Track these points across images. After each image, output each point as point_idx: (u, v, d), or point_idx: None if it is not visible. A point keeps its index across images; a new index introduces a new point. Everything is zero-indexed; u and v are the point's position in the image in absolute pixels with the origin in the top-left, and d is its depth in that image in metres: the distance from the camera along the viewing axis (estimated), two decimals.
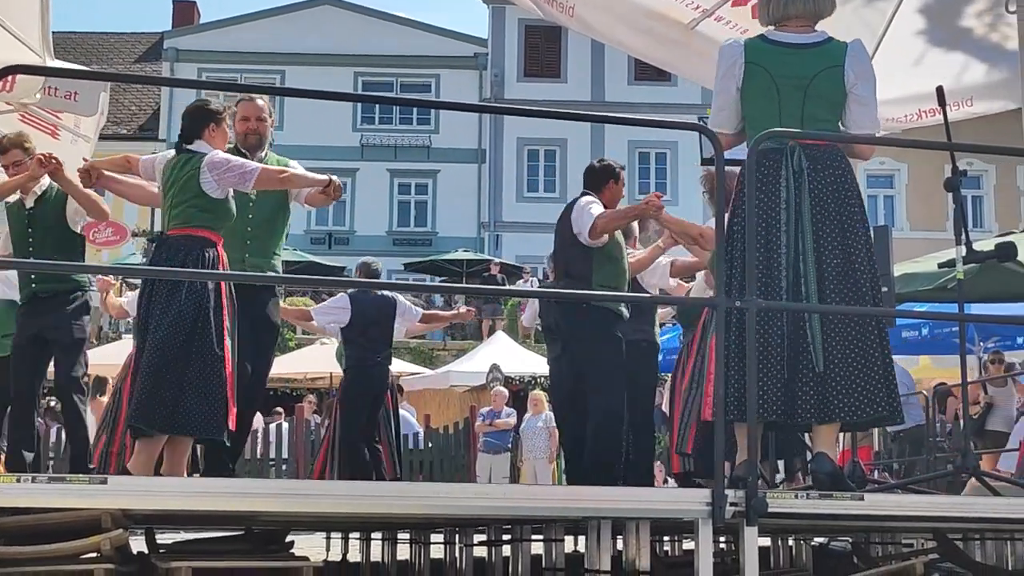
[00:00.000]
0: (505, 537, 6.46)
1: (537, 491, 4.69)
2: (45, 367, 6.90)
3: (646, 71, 35.11)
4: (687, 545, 8.51)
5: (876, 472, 12.27)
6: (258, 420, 13.88)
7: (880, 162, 30.59)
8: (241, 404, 5.71)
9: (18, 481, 3.58)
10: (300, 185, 6.07)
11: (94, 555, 3.77)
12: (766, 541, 7.58)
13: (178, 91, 36.61)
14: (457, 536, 7.11)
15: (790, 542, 7.73)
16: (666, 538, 8.42)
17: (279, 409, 18.33)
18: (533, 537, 6.10)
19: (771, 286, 4.54)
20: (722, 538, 6.96)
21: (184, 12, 42.13)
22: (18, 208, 6.89)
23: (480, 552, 6.90)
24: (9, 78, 6.24)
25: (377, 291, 9.68)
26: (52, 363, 6.84)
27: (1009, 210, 32.18)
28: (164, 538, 6.16)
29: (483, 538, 6.73)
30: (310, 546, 8.16)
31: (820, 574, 7.00)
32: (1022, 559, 6.70)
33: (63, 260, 6.73)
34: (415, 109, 38.24)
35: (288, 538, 5.24)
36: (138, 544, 4.68)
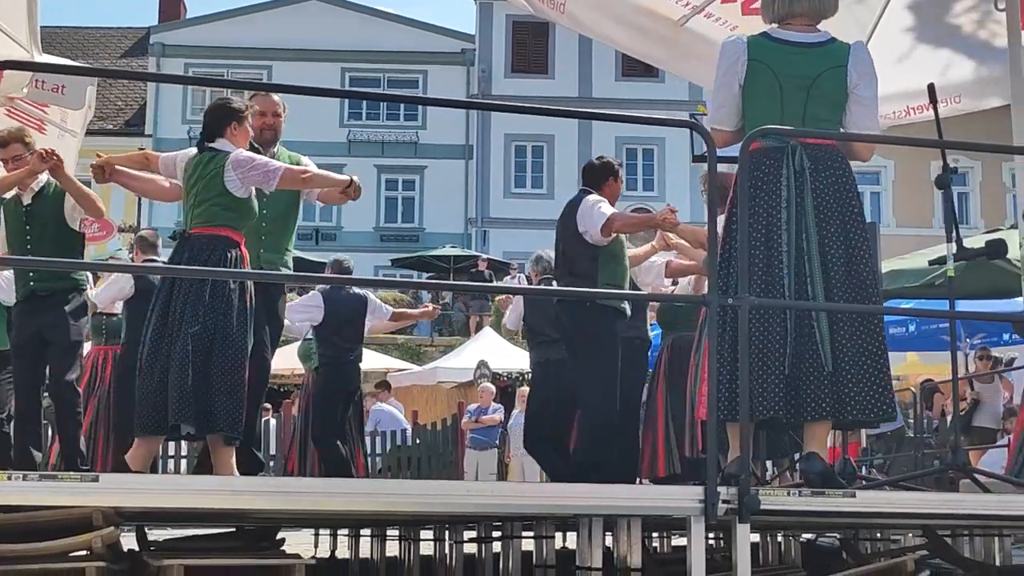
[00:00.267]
0: (496, 534, 6.47)
1: (531, 489, 4.69)
2: (45, 366, 6.79)
3: (634, 67, 35.11)
4: (675, 541, 8.53)
5: (864, 468, 12.31)
6: None
7: None
8: (251, 402, 5.73)
9: (9, 479, 3.57)
10: (323, 185, 6.00)
11: (85, 553, 3.75)
12: (755, 537, 7.60)
13: (164, 86, 36.56)
14: (447, 533, 7.10)
15: (779, 538, 7.74)
16: (655, 534, 8.42)
17: (267, 405, 18.33)
18: (524, 534, 6.11)
19: (772, 284, 4.54)
20: (710, 534, 6.97)
21: (170, 7, 41.95)
22: (15, 204, 6.80)
23: (470, 548, 6.90)
24: None
25: (350, 289, 9.66)
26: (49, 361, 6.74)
27: (995, 206, 32.30)
28: (153, 534, 6.15)
29: (473, 535, 6.73)
30: (298, 543, 8.15)
31: (809, 570, 7.01)
32: (1009, 554, 6.74)
33: (61, 258, 6.63)
34: (402, 105, 38.24)
35: (279, 535, 5.24)
36: (128, 541, 4.66)
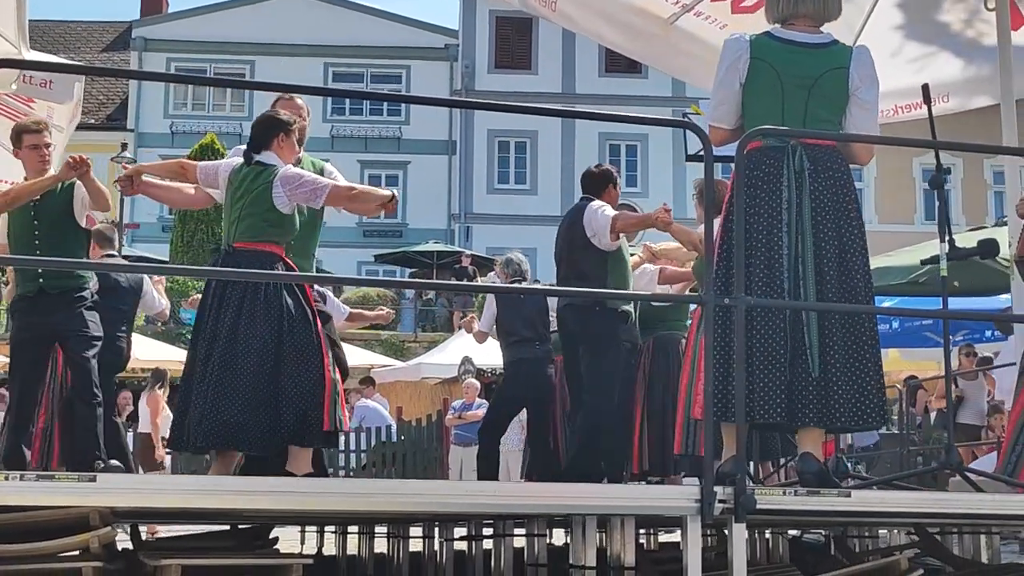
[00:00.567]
0: (487, 532, 6.47)
1: (528, 488, 4.69)
2: (46, 364, 6.71)
3: (617, 63, 35.16)
4: (663, 538, 8.54)
5: (852, 465, 12.36)
6: None
7: None
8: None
9: (6, 479, 3.55)
10: (367, 200, 5.86)
11: (81, 552, 3.74)
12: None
13: (146, 81, 36.43)
14: (437, 530, 7.09)
15: (767, 535, 7.76)
16: (641, 531, 8.44)
17: None
18: (515, 532, 6.11)
19: (773, 287, 4.55)
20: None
21: (152, 1, 41.80)
22: None
23: (460, 546, 6.90)
24: None
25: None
26: (66, 363, 6.65)
27: (977, 204, 32.42)
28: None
29: (464, 532, 6.72)
30: (284, 539, 8.11)
31: (798, 566, 7.03)
32: (998, 552, 6.78)
33: (69, 255, 6.54)
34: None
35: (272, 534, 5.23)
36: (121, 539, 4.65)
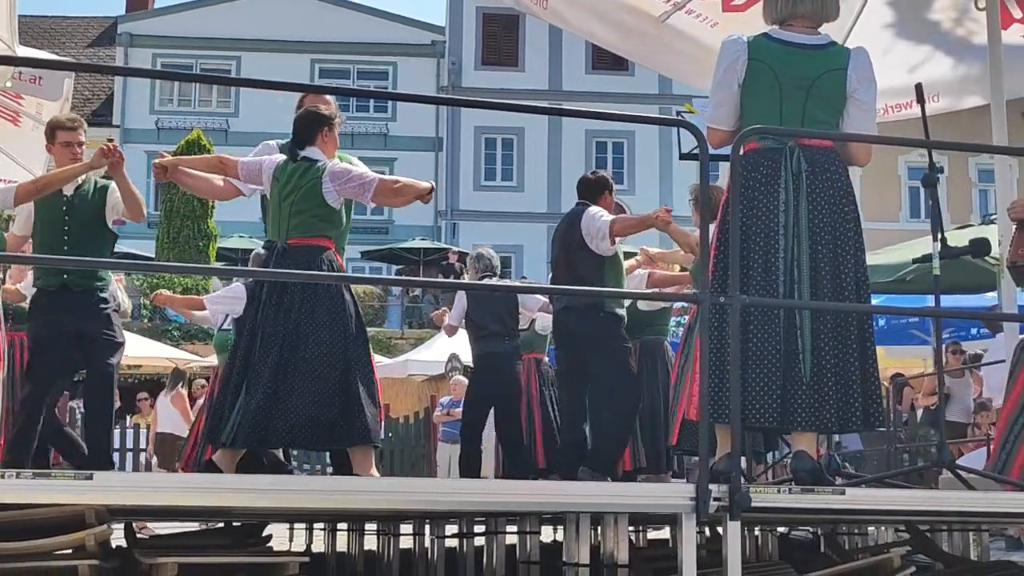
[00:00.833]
0: (479, 529, 6.47)
1: (524, 486, 4.69)
2: (64, 361, 6.59)
3: (604, 60, 35.20)
4: (651, 535, 8.56)
5: (839, 461, 12.39)
6: None
7: None
8: None
9: (3, 477, 3.54)
10: (409, 194, 5.87)
11: (77, 550, 3.73)
12: None
13: (133, 77, 36.31)
14: (428, 527, 7.09)
15: (756, 531, 7.79)
16: (630, 528, 8.47)
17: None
18: (508, 529, 6.11)
19: (769, 290, 4.55)
20: None
21: None
22: (55, 194, 6.54)
23: (452, 543, 6.90)
24: None
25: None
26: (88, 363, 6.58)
27: (961, 202, 32.56)
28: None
29: (455, 529, 6.72)
30: (273, 537, 8.10)
31: (787, 563, 7.05)
32: (987, 549, 6.82)
33: (97, 255, 6.49)
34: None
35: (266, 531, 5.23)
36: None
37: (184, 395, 13.88)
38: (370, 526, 8.00)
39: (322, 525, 8.64)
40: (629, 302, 7.75)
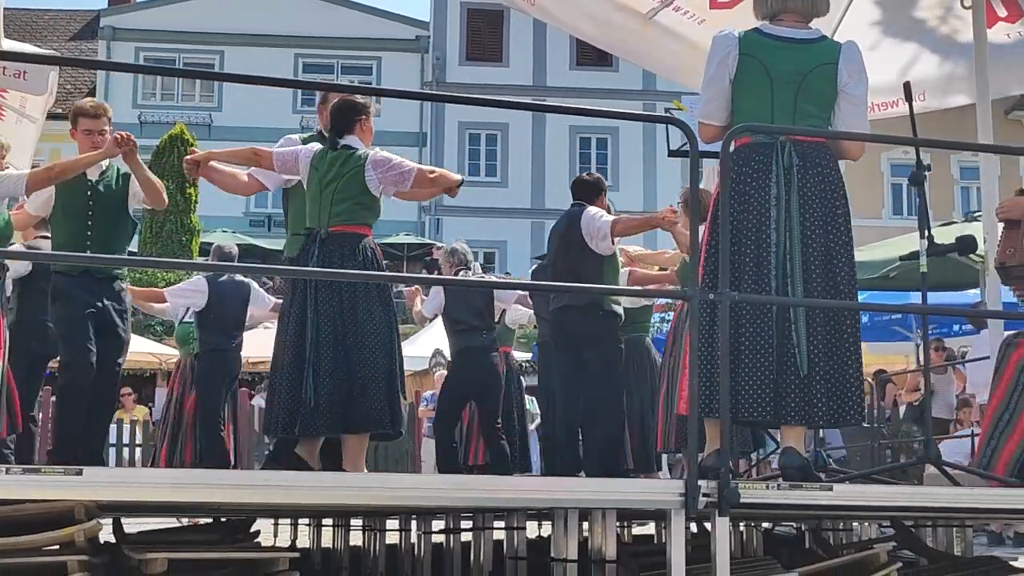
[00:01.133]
0: (466, 524, 6.47)
1: (513, 483, 4.69)
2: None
3: (588, 56, 35.21)
4: (636, 531, 8.58)
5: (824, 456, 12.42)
6: None
7: None
8: None
9: None
10: (443, 184, 5.98)
11: (66, 546, 3.72)
12: None
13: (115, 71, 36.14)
14: (414, 523, 7.09)
15: (740, 527, 7.81)
16: (617, 523, 8.48)
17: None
18: (495, 525, 6.11)
19: (761, 285, 4.56)
20: None
21: None
22: (78, 178, 6.49)
23: (439, 538, 6.90)
24: None
25: (233, 276, 9.76)
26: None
27: (943, 199, 32.65)
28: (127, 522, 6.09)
29: (442, 525, 6.73)
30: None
31: (772, 558, 7.08)
32: (970, 544, 6.86)
33: (118, 247, 6.53)
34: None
35: (253, 527, 5.22)
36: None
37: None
38: (356, 521, 7.99)
39: (307, 520, 8.63)
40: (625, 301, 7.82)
